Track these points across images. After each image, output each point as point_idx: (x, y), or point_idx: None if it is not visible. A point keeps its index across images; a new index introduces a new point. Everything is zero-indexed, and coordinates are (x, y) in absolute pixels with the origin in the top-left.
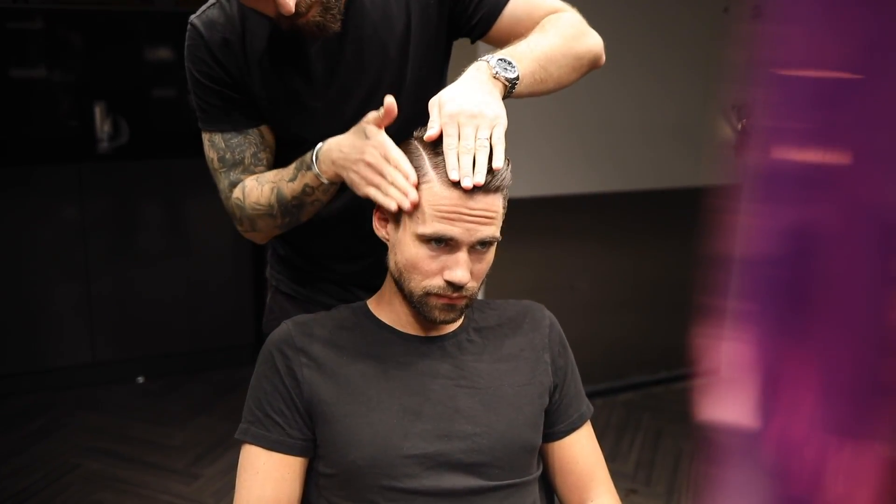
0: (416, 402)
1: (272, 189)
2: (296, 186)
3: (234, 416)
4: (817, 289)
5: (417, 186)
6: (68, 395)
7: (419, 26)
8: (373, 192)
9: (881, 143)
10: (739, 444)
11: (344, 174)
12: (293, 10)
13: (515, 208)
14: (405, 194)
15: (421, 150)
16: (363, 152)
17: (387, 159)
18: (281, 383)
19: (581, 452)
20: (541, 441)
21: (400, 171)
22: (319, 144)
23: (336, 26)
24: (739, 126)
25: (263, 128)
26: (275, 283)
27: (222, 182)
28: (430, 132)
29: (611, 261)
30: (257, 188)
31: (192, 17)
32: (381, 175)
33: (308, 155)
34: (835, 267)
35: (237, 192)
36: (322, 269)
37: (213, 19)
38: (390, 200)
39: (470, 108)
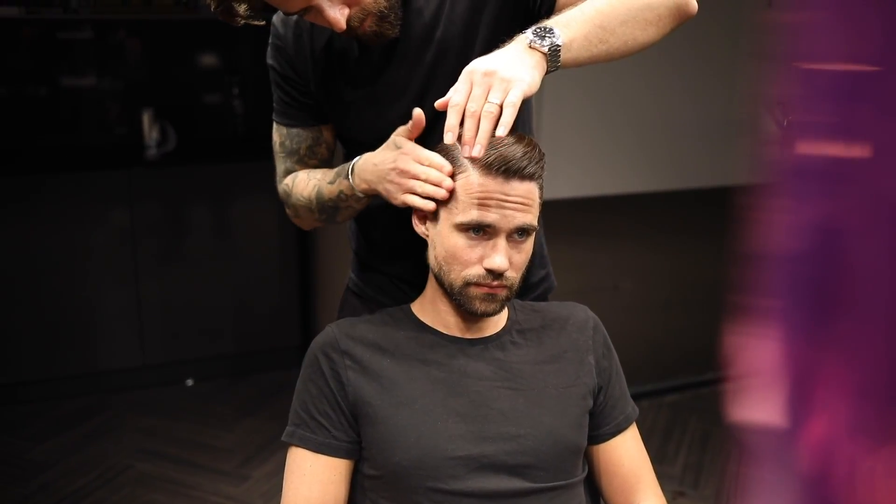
0: (460, 404)
1: (315, 186)
2: (333, 190)
3: (281, 418)
4: (845, 285)
5: (454, 177)
6: (120, 398)
7: (490, 24)
8: (408, 198)
9: None
10: (771, 444)
11: (378, 187)
12: (344, 27)
13: (556, 209)
14: (439, 185)
15: (457, 142)
16: (395, 161)
17: (419, 161)
18: (326, 386)
19: (627, 454)
20: (585, 443)
21: (433, 165)
22: (358, 157)
23: (394, 32)
24: (784, 122)
25: (324, 126)
26: (347, 280)
27: (279, 166)
28: (442, 99)
29: (655, 261)
30: (304, 181)
31: (273, 15)
32: (415, 177)
33: (348, 163)
34: (861, 262)
35: (288, 180)
36: (382, 263)
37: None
38: (426, 201)
39: (485, 66)
